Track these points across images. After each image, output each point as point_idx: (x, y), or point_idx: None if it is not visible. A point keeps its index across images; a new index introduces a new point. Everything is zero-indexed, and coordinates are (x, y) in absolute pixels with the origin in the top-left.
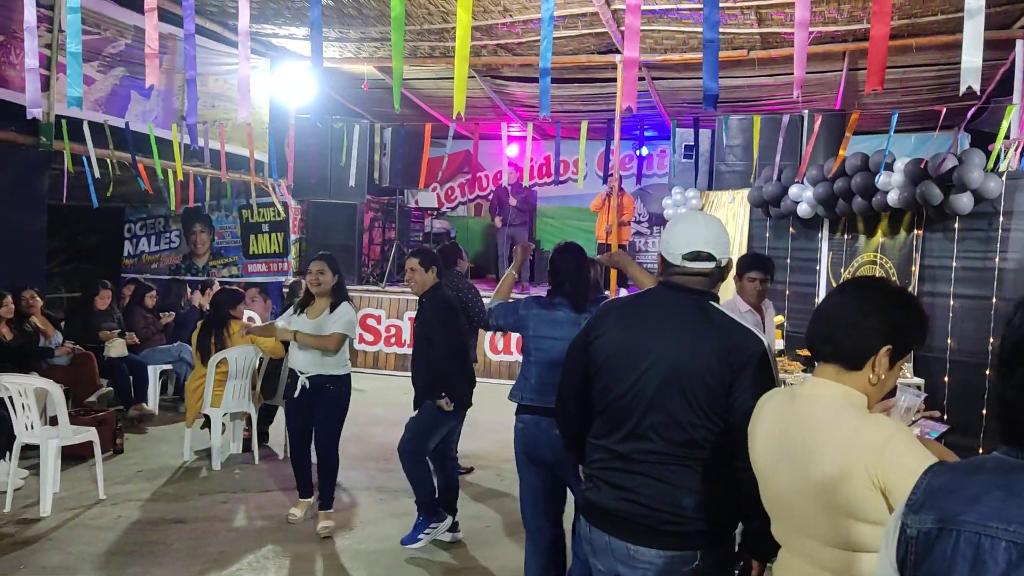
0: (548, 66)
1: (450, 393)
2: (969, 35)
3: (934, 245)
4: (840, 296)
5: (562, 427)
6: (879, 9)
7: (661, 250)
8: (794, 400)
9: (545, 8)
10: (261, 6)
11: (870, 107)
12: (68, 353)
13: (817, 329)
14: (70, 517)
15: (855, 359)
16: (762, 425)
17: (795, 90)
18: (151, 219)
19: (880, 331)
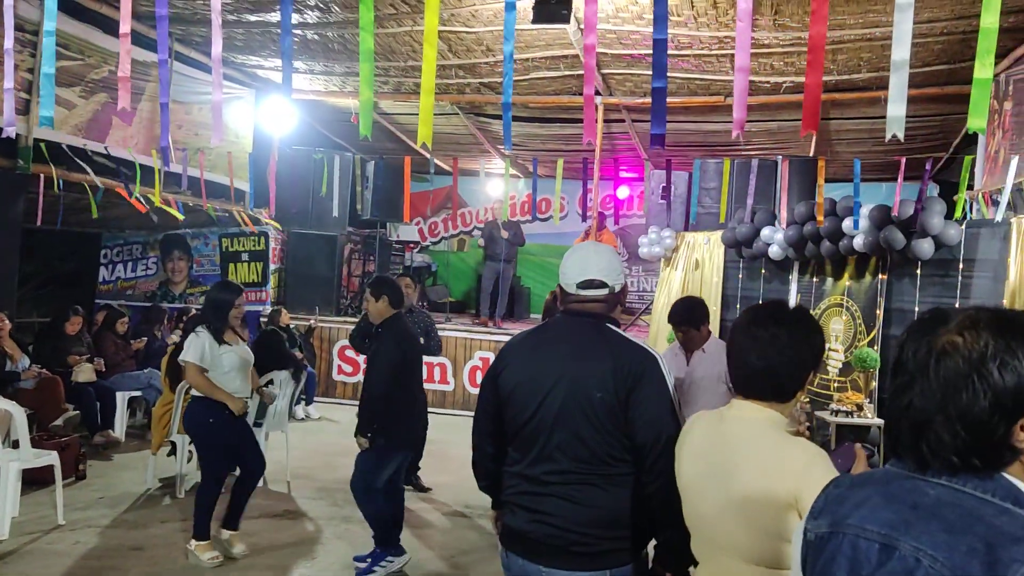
0: (509, 101)
1: (383, 430)
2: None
3: (898, 289)
4: (773, 338)
5: (479, 470)
6: (813, 59)
7: (560, 281)
8: (722, 422)
9: (507, 47)
10: (247, 39)
11: (841, 155)
12: (34, 377)
13: (755, 369)
14: (27, 541)
15: (792, 393)
16: (690, 444)
17: (735, 131)
18: (128, 245)
19: (812, 362)
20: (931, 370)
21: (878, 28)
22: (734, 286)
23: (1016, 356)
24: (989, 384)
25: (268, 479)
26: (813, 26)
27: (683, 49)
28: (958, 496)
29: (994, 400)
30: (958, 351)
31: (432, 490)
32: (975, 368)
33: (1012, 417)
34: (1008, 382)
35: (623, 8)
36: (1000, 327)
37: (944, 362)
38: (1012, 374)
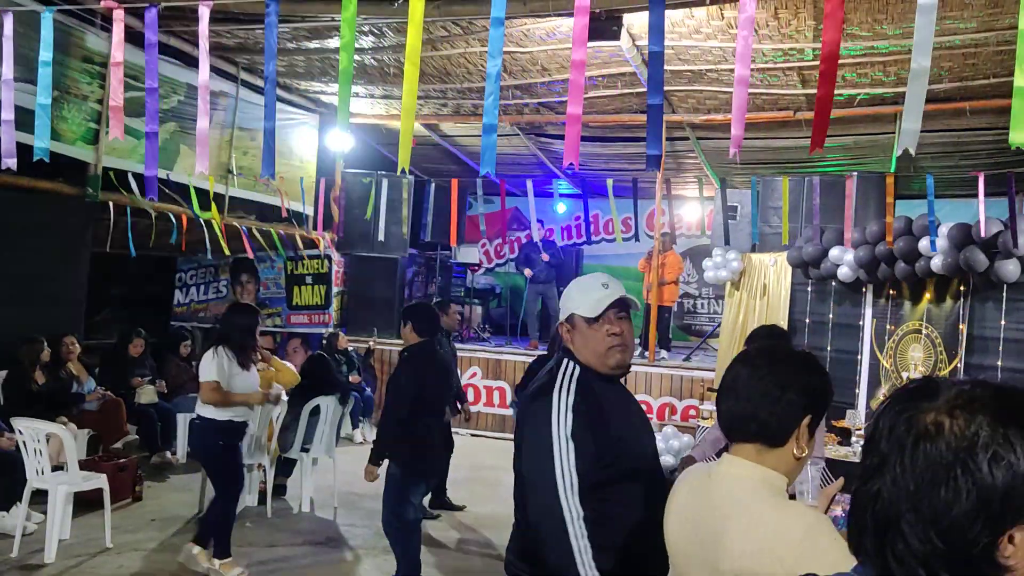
0: (494, 123)
1: (399, 461)
2: (911, 98)
3: (982, 314)
4: (753, 371)
5: None
6: (826, 69)
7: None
8: (710, 479)
9: (491, 65)
10: (307, 65)
11: (926, 171)
12: (99, 399)
13: (736, 409)
14: (73, 565)
15: (780, 436)
16: (676, 504)
17: (732, 149)
18: (201, 268)
19: (801, 403)
20: (907, 454)
21: (957, 35)
22: (802, 310)
23: (1013, 450)
24: (975, 480)
25: (316, 504)
26: (826, 32)
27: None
28: None
29: (979, 501)
30: (942, 435)
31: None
32: (961, 459)
33: (998, 525)
34: (999, 481)
35: (679, 23)
36: (1001, 411)
37: (923, 446)
38: (1005, 472)
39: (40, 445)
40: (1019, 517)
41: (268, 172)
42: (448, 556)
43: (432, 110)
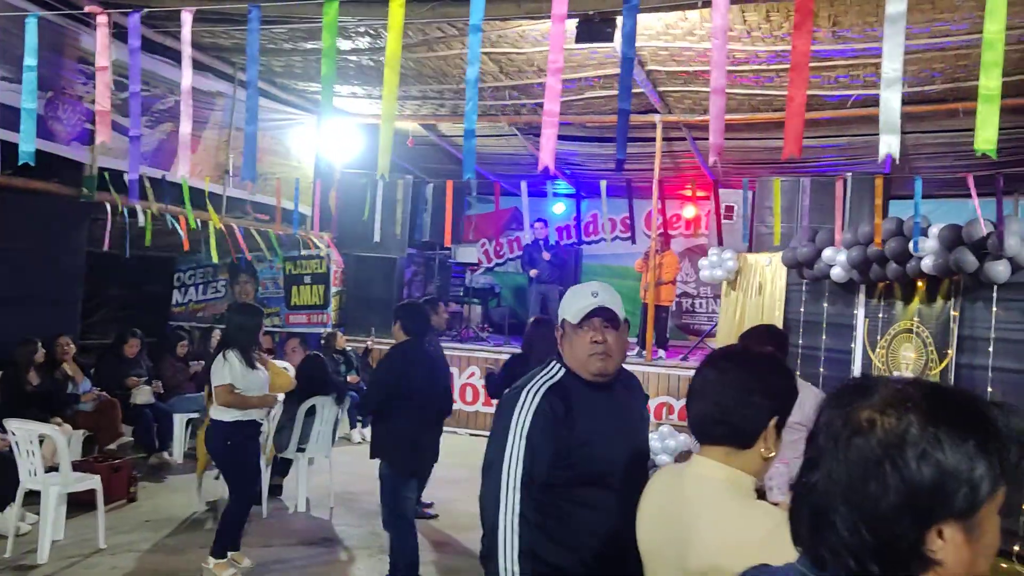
0: (472, 128)
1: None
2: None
3: (972, 315)
4: (721, 375)
5: None
6: (796, 76)
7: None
8: (680, 480)
9: (470, 71)
10: (305, 65)
11: (920, 171)
12: (94, 399)
13: (705, 412)
14: (66, 566)
15: (749, 438)
16: (648, 504)
17: (711, 156)
18: (200, 268)
19: (768, 405)
20: (841, 449)
21: (948, 37)
22: (796, 309)
23: (941, 447)
24: (903, 476)
25: (312, 504)
26: (796, 39)
27: (740, 65)
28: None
29: (906, 496)
30: (874, 432)
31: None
32: (890, 455)
33: (925, 520)
34: (926, 477)
35: (673, 25)
36: (932, 409)
37: (855, 442)
38: (933, 469)
39: (33, 446)
40: (947, 513)
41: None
42: (444, 555)
43: (430, 110)
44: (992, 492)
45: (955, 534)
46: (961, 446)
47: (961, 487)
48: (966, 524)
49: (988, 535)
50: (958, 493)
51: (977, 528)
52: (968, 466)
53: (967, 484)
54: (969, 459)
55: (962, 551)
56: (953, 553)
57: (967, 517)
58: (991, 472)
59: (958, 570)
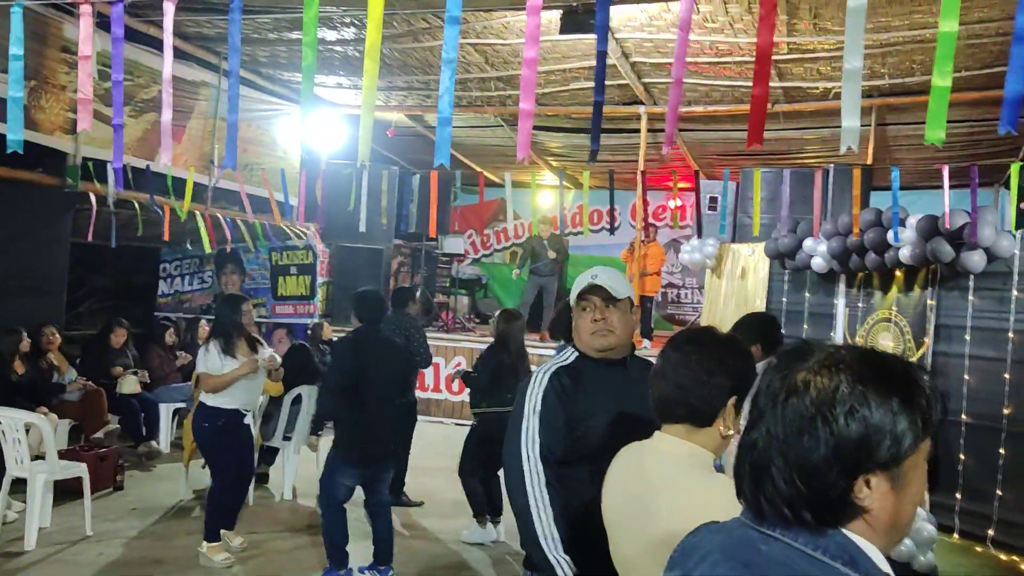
0: (448, 115)
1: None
2: (847, 97)
3: (948, 304)
4: (682, 356)
5: None
6: (760, 69)
7: None
8: (643, 455)
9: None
10: (290, 56)
11: (902, 162)
12: (79, 389)
13: (667, 393)
14: (52, 552)
15: (708, 417)
16: (612, 479)
17: (665, 147)
18: (186, 259)
19: (727, 385)
20: (779, 407)
21: (927, 29)
22: (779, 299)
23: (868, 405)
24: (832, 431)
25: (298, 492)
26: (760, 35)
27: (723, 56)
28: (789, 554)
29: (835, 449)
30: (808, 391)
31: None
32: (820, 411)
33: (853, 471)
34: (853, 432)
35: (656, 16)
36: (861, 371)
37: (791, 400)
38: (859, 424)
39: (19, 434)
40: (873, 464)
41: (230, 163)
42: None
43: (416, 101)
44: (915, 446)
45: (881, 483)
46: (886, 403)
47: (885, 440)
48: (891, 474)
49: (913, 485)
50: (882, 446)
51: (902, 478)
52: (892, 421)
53: (891, 438)
54: (893, 415)
55: (888, 499)
56: (879, 501)
57: (892, 468)
58: (914, 427)
59: (884, 517)
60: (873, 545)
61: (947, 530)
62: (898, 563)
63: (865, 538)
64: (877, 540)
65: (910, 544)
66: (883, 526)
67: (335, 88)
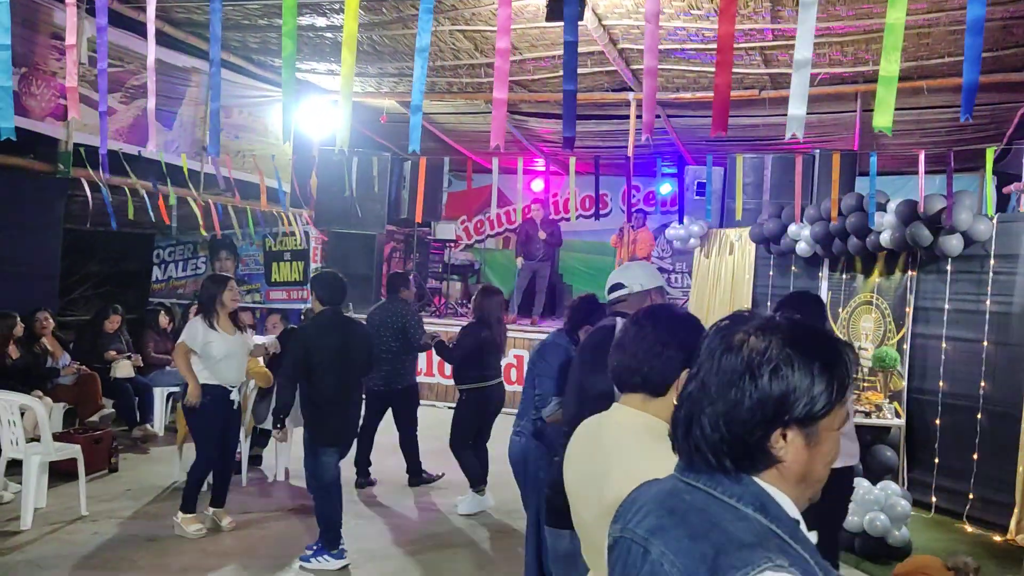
0: (419, 103)
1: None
2: (796, 86)
3: (927, 287)
4: (639, 329)
5: None
6: (722, 60)
7: None
8: (600, 426)
9: (420, 46)
10: (280, 41)
11: (888, 148)
12: (74, 373)
13: (622, 363)
14: (48, 532)
15: (660, 387)
16: (572, 449)
17: (644, 134)
18: (180, 245)
19: (679, 357)
20: (715, 362)
21: (909, 15)
22: (765, 283)
23: (792, 367)
24: (757, 387)
25: (291, 474)
26: (721, 25)
27: (709, 43)
28: (708, 501)
29: (758, 402)
30: (742, 349)
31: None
32: (749, 368)
33: (771, 424)
34: (775, 389)
35: (642, 3)
36: (790, 337)
37: (727, 357)
38: (781, 382)
39: (14, 416)
40: (789, 419)
41: (214, 151)
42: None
43: (407, 87)
44: (828, 408)
45: (796, 437)
46: (807, 367)
47: (802, 399)
48: (806, 431)
49: (825, 445)
50: (799, 404)
51: (816, 436)
52: (810, 383)
53: (808, 397)
54: (812, 378)
55: (801, 453)
56: (793, 454)
57: (807, 425)
58: (828, 391)
59: (796, 468)
60: (784, 495)
61: (924, 506)
62: (873, 537)
63: (777, 487)
64: (789, 490)
65: (884, 519)
66: (794, 477)
67: (326, 75)
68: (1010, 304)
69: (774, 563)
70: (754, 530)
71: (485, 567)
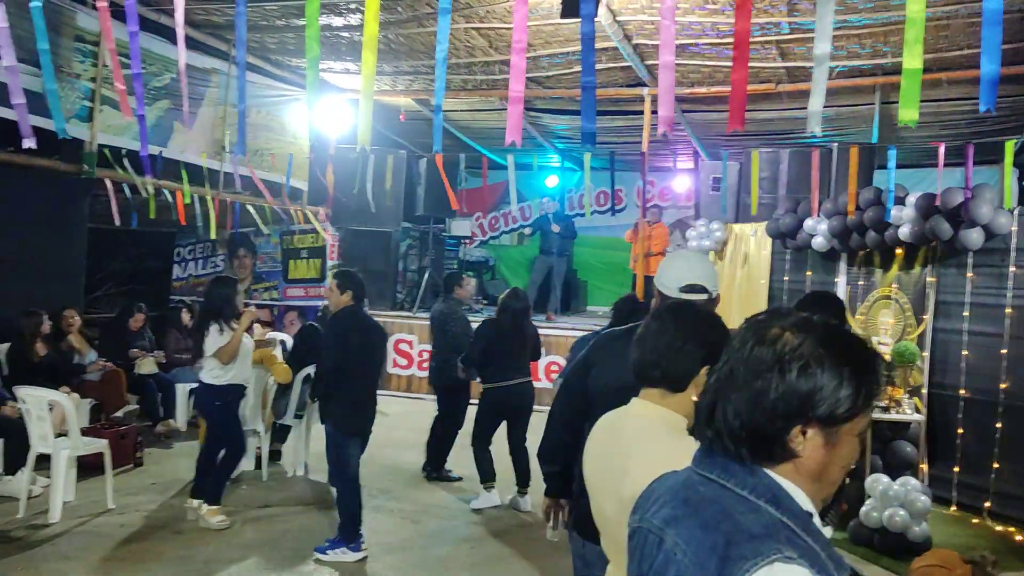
0: (440, 103)
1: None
2: (816, 81)
3: (947, 281)
4: (660, 324)
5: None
6: (739, 55)
7: (658, 285)
8: (620, 420)
9: (439, 50)
10: (298, 42)
11: (908, 141)
12: (99, 370)
13: (643, 358)
14: (76, 524)
15: (680, 382)
16: (592, 442)
17: (661, 128)
18: (200, 243)
19: (699, 354)
20: (745, 352)
21: (928, 7)
22: (781, 278)
23: (823, 367)
24: (784, 380)
25: (310, 469)
26: (738, 21)
27: (724, 37)
28: (721, 493)
29: (783, 397)
30: (775, 343)
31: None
32: (779, 361)
33: (793, 418)
34: (802, 386)
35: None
36: (824, 338)
37: (759, 348)
38: (809, 380)
39: (43, 412)
40: (811, 417)
41: (240, 150)
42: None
43: (422, 85)
44: (851, 414)
45: (816, 436)
46: (837, 369)
47: (827, 400)
48: (826, 432)
49: (843, 449)
50: (823, 404)
51: (835, 438)
52: (837, 386)
53: (832, 399)
54: (840, 381)
55: (818, 452)
56: (811, 450)
57: (829, 427)
58: (854, 398)
59: (811, 466)
60: (799, 488)
61: (945, 502)
62: (892, 533)
63: (791, 481)
64: (803, 485)
65: (904, 515)
66: (809, 474)
67: (343, 74)
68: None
69: (783, 555)
70: (765, 522)
71: (504, 560)
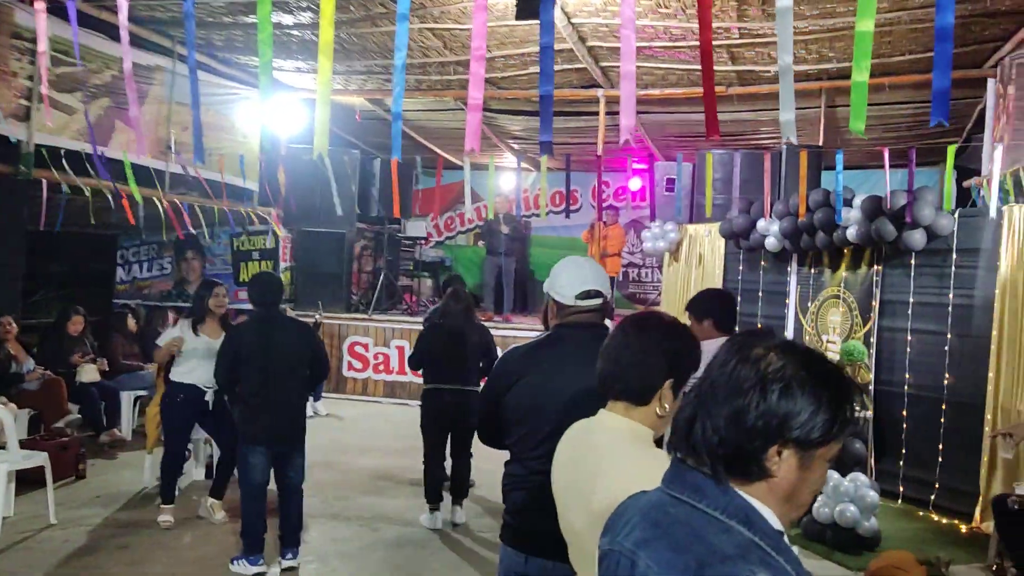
0: (399, 111)
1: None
2: (783, 92)
3: (892, 280)
4: (623, 337)
5: None
6: (706, 67)
7: (552, 293)
8: (588, 432)
9: (398, 57)
10: (246, 39)
11: (854, 143)
12: (38, 378)
13: (606, 370)
14: (17, 540)
15: (643, 395)
16: (560, 455)
17: (622, 136)
18: (144, 245)
19: (662, 367)
20: (728, 370)
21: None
22: (734, 278)
23: (803, 390)
24: (765, 400)
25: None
26: (701, 33)
27: (678, 41)
28: (692, 515)
29: (763, 416)
30: (758, 363)
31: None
32: (761, 382)
33: (770, 438)
34: (781, 408)
35: (611, 1)
36: (805, 363)
37: (742, 367)
38: (788, 402)
39: None
40: (788, 438)
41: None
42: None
43: (376, 85)
44: (824, 439)
45: (791, 457)
46: (817, 394)
47: (804, 424)
48: (802, 454)
49: (816, 472)
50: (800, 427)
51: (810, 461)
52: (814, 411)
53: (808, 423)
54: (817, 406)
55: (792, 473)
56: (785, 471)
57: (803, 449)
58: (829, 424)
59: (784, 486)
60: (769, 509)
61: (891, 496)
62: (843, 528)
63: (763, 502)
64: (774, 506)
65: (854, 510)
66: (782, 494)
67: (294, 72)
68: (972, 297)
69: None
70: (737, 543)
71: (462, 568)
